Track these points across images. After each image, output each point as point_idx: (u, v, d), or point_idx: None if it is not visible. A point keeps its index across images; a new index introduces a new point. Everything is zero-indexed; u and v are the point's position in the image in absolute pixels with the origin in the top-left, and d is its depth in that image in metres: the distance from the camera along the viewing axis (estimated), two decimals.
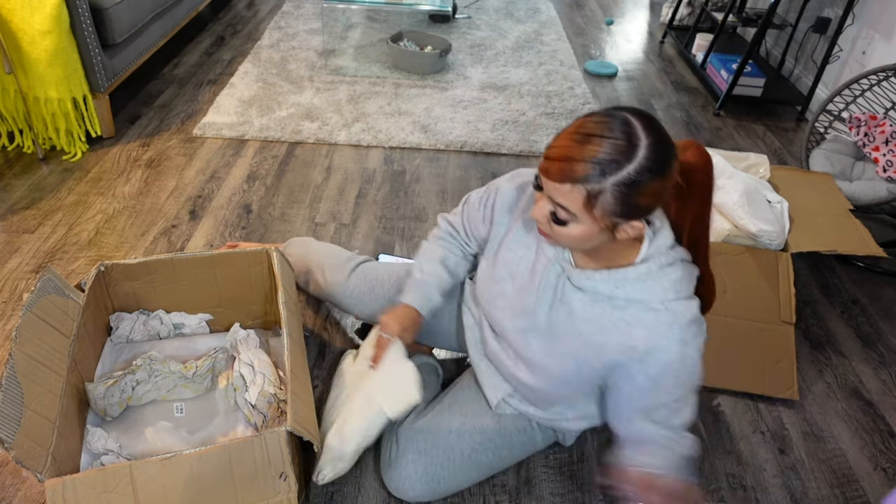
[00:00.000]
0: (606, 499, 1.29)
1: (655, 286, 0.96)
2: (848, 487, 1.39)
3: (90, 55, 2.17)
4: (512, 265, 1.11)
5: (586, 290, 1.01)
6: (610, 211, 0.86)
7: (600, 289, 0.99)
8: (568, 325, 1.04)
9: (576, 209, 0.87)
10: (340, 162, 2.35)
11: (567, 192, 0.86)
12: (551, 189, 0.88)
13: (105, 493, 0.97)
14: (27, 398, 1.02)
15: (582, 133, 0.85)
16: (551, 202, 0.90)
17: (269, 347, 1.44)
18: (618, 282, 0.97)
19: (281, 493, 1.05)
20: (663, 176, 0.85)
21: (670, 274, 0.96)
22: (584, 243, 0.93)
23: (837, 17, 2.82)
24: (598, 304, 1.00)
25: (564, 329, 1.05)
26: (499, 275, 1.14)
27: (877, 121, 2.19)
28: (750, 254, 1.69)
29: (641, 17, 4.10)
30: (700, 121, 2.86)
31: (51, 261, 1.79)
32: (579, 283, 1.01)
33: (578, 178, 0.84)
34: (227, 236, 1.94)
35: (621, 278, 0.97)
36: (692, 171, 0.91)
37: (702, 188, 0.94)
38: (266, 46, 3.21)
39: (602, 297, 1.00)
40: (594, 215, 0.87)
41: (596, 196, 0.85)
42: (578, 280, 1.01)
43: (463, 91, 2.91)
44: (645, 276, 0.96)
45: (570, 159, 0.84)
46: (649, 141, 0.83)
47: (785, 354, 1.59)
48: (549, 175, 0.87)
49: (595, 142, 0.83)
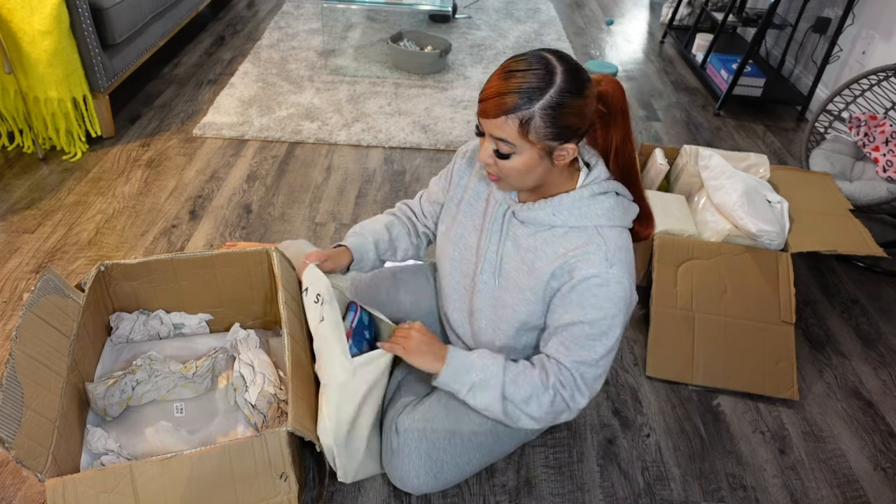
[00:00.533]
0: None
1: (589, 211, 1.06)
2: (848, 487, 1.39)
3: (90, 55, 2.17)
4: (473, 218, 1.22)
5: (529, 223, 1.11)
6: (542, 134, 0.97)
7: (540, 217, 1.08)
8: (514, 257, 1.13)
9: (513, 139, 0.97)
10: (340, 162, 2.35)
11: (503, 125, 0.97)
12: (490, 127, 0.99)
13: (105, 493, 0.97)
14: (27, 398, 1.02)
15: (507, 71, 0.97)
16: (493, 140, 1.00)
17: (269, 347, 1.44)
18: (554, 208, 1.07)
19: (281, 494, 1.05)
20: (582, 95, 0.97)
21: (603, 202, 1.07)
22: (529, 174, 1.03)
23: (837, 17, 2.82)
24: (539, 234, 1.10)
25: (510, 261, 1.14)
26: (463, 230, 1.23)
27: (877, 121, 2.19)
28: (750, 254, 1.69)
29: (641, 17, 4.10)
30: (700, 121, 2.86)
31: (51, 261, 1.79)
32: (522, 217, 1.11)
33: (509, 108, 0.95)
34: (227, 236, 1.94)
35: (557, 204, 1.07)
36: (609, 97, 1.05)
37: (620, 110, 1.06)
38: (266, 46, 3.21)
39: (544, 227, 1.09)
40: (530, 140, 0.97)
41: (528, 122, 0.96)
42: (521, 213, 1.11)
43: (463, 91, 2.92)
44: (579, 202, 1.06)
45: (500, 94, 0.96)
46: (563, 68, 0.96)
47: (785, 354, 1.59)
48: (486, 114, 0.98)
49: (518, 76, 0.95)
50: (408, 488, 1.21)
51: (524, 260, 1.11)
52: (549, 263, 1.07)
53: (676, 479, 1.37)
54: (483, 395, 1.09)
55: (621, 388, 1.57)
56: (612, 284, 1.02)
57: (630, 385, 1.58)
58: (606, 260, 1.02)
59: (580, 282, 1.03)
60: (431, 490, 1.22)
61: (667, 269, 1.67)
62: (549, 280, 1.07)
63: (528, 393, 1.08)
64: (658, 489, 1.35)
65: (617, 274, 1.02)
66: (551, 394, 1.08)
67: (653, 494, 1.34)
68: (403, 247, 1.36)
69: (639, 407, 1.52)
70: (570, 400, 1.08)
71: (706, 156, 1.89)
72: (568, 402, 1.09)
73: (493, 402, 1.09)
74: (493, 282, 1.16)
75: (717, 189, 1.78)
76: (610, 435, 1.45)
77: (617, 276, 1.02)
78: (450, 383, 1.12)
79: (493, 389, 1.08)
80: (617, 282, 1.02)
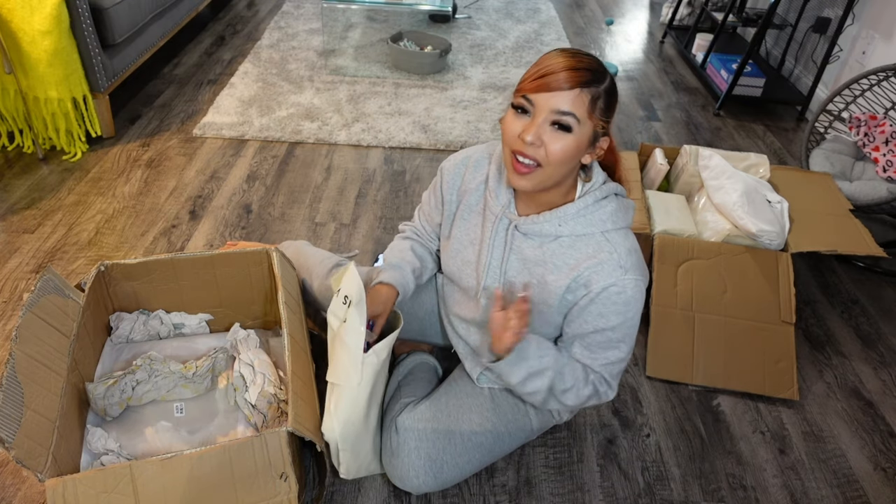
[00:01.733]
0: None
1: (594, 218, 1.06)
2: (848, 487, 1.39)
3: (90, 55, 2.17)
4: (470, 232, 1.20)
5: (534, 236, 1.10)
6: (601, 115, 0.99)
7: (546, 230, 1.08)
8: (521, 271, 1.13)
9: (581, 114, 0.97)
10: (340, 162, 2.35)
11: (576, 97, 0.96)
12: (556, 101, 0.96)
13: (105, 493, 0.97)
14: (27, 398, 1.02)
15: (569, 52, 0.98)
16: (550, 116, 0.97)
17: (269, 347, 1.44)
18: (560, 219, 1.07)
19: (281, 494, 1.05)
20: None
21: (605, 206, 1.07)
22: (570, 161, 1.00)
23: (837, 17, 2.82)
24: (546, 245, 1.09)
25: (517, 276, 1.13)
26: (459, 245, 1.22)
27: (877, 121, 2.19)
28: (750, 254, 1.69)
29: (641, 17, 4.10)
30: (700, 121, 2.86)
31: (51, 261, 1.79)
32: (526, 230, 1.10)
33: (585, 80, 0.95)
34: (227, 236, 1.94)
35: (563, 215, 1.07)
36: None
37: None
38: (266, 46, 3.21)
39: (549, 238, 1.09)
40: (594, 118, 0.98)
41: (596, 100, 0.97)
42: (525, 227, 1.10)
43: (463, 91, 2.92)
44: (584, 210, 1.06)
45: (574, 69, 0.95)
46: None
47: (785, 354, 1.59)
48: (555, 86, 0.95)
49: (583, 57, 0.97)
50: (408, 488, 1.21)
51: (533, 274, 1.11)
52: (563, 277, 1.07)
53: (676, 479, 1.37)
54: (535, 382, 1.10)
55: (621, 388, 1.57)
56: (629, 290, 1.03)
57: (630, 385, 1.58)
58: (620, 267, 1.03)
59: (598, 294, 1.04)
60: (431, 490, 1.22)
61: (667, 269, 1.67)
62: (565, 293, 1.08)
63: (570, 384, 1.11)
64: (658, 489, 1.35)
65: (632, 279, 1.03)
66: (590, 388, 1.12)
67: (653, 494, 1.34)
68: (430, 267, 1.37)
69: (639, 407, 1.52)
70: (603, 394, 1.14)
71: (706, 156, 1.89)
72: (601, 395, 1.14)
73: (541, 390, 1.11)
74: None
75: (717, 189, 1.78)
76: (610, 435, 1.45)
77: (633, 280, 1.03)
78: (506, 368, 1.09)
79: (545, 379, 1.10)
80: (633, 286, 1.04)
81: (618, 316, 1.05)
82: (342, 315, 1.12)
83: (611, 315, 1.05)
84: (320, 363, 1.54)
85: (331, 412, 1.10)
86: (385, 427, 1.26)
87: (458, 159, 1.24)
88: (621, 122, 2.80)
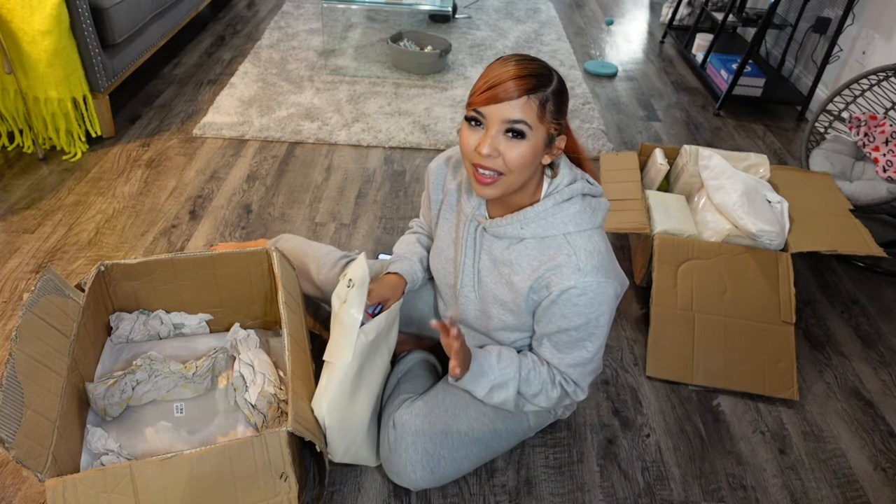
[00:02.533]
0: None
1: (555, 221, 1.07)
2: (848, 487, 1.39)
3: (90, 55, 2.17)
4: (451, 231, 1.23)
5: (501, 238, 1.12)
6: (552, 117, 1.00)
7: (510, 232, 1.10)
8: (492, 270, 1.15)
9: (532, 120, 0.98)
10: (340, 162, 2.35)
11: (525, 105, 0.97)
12: (507, 111, 0.97)
13: (105, 493, 0.97)
14: (27, 398, 1.02)
15: (513, 61, 0.99)
16: (503, 125, 0.98)
17: (269, 347, 1.44)
18: (521, 222, 1.08)
19: (281, 494, 1.05)
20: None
21: (568, 209, 1.07)
22: (530, 166, 1.01)
23: (837, 17, 2.82)
24: (513, 247, 1.11)
25: (488, 274, 1.16)
26: (442, 243, 1.25)
27: (877, 121, 2.19)
28: (750, 254, 1.69)
29: (641, 17, 4.10)
30: (700, 121, 2.86)
31: (51, 261, 1.79)
32: (494, 232, 1.12)
33: (531, 88, 0.97)
34: (227, 236, 1.94)
35: (523, 218, 1.08)
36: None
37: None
38: (266, 46, 3.21)
39: (515, 240, 1.11)
40: (545, 122, 0.99)
41: (544, 104, 0.98)
42: (492, 229, 1.12)
43: (463, 91, 2.91)
44: (543, 213, 1.07)
45: (519, 77, 0.97)
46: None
47: (785, 354, 1.59)
48: (504, 96, 0.97)
49: (527, 64, 0.99)
50: (405, 483, 1.21)
51: (501, 274, 1.14)
52: (526, 278, 1.09)
53: (676, 479, 1.37)
54: (500, 394, 1.15)
55: (621, 388, 1.57)
56: (589, 292, 1.04)
57: (630, 385, 1.58)
58: (579, 270, 1.04)
59: (559, 295, 1.05)
60: (429, 485, 1.22)
61: (667, 269, 1.67)
62: (529, 293, 1.10)
63: (538, 389, 1.14)
64: (658, 489, 1.35)
65: (592, 281, 1.03)
66: (559, 390, 1.15)
67: (653, 494, 1.34)
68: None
69: (639, 407, 1.52)
70: (572, 393, 1.16)
71: (706, 156, 1.89)
72: (571, 395, 1.17)
73: (508, 399, 1.16)
74: (474, 295, 1.19)
75: (717, 189, 1.78)
76: (610, 435, 1.45)
77: (593, 282, 1.03)
78: (468, 385, 1.14)
79: (509, 389, 1.14)
80: (594, 288, 1.04)
81: (579, 317, 1.06)
82: (343, 296, 1.16)
83: (573, 316, 1.06)
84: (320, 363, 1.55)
85: (321, 388, 1.15)
86: (383, 423, 1.27)
87: (441, 160, 1.27)
88: (621, 122, 2.80)
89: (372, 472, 1.32)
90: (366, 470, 1.32)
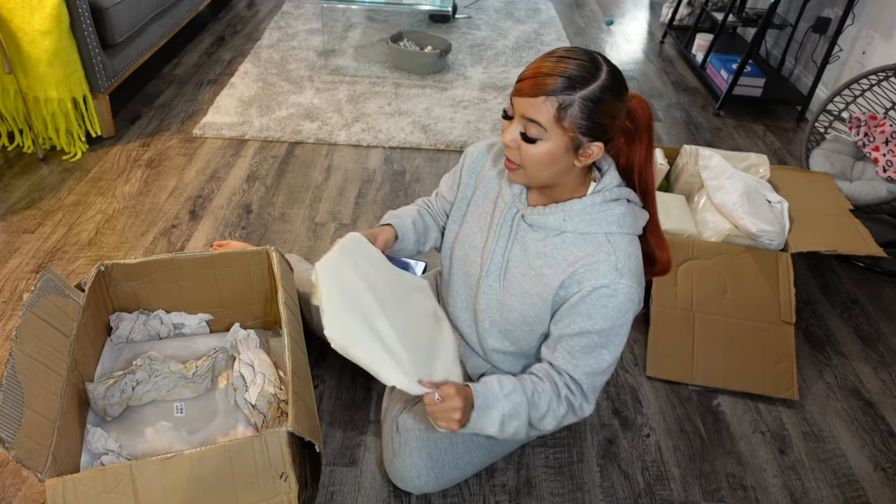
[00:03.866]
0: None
1: (600, 218, 1.05)
2: (848, 487, 1.39)
3: (90, 55, 2.17)
4: (480, 218, 1.20)
5: (539, 228, 1.10)
6: (576, 124, 0.95)
7: (550, 223, 1.07)
8: (521, 261, 1.12)
9: (546, 122, 0.95)
10: (340, 162, 2.35)
11: (540, 106, 0.94)
12: (524, 107, 0.96)
13: (105, 493, 0.97)
14: (27, 398, 1.02)
15: (554, 56, 0.96)
16: (522, 122, 0.97)
17: (269, 347, 1.44)
18: (566, 214, 1.06)
19: (281, 494, 1.05)
20: (620, 98, 0.96)
21: (614, 209, 1.05)
22: (549, 167, 1.00)
23: (837, 17, 2.82)
24: (549, 240, 1.09)
25: (517, 265, 1.12)
26: (469, 229, 1.22)
27: (877, 121, 2.19)
28: (750, 254, 1.69)
29: (641, 17, 4.10)
30: (700, 121, 2.86)
31: (51, 261, 1.79)
32: (532, 221, 1.09)
33: (551, 89, 0.93)
34: (227, 236, 1.94)
35: (568, 210, 1.06)
36: (636, 113, 1.03)
37: (647, 129, 1.05)
38: (266, 46, 3.21)
39: (553, 232, 1.08)
40: (563, 127, 0.95)
41: (566, 108, 0.94)
42: (531, 217, 1.09)
43: (463, 91, 2.91)
44: (590, 209, 1.05)
45: (544, 75, 0.94)
46: (609, 67, 0.96)
47: (785, 354, 1.59)
48: (523, 92, 0.95)
49: (565, 61, 0.94)
50: (409, 488, 1.21)
51: (532, 266, 1.10)
52: (559, 272, 1.06)
53: (676, 479, 1.37)
54: (513, 423, 1.06)
55: (621, 388, 1.57)
56: (621, 295, 1.01)
57: (630, 385, 1.58)
58: (616, 270, 1.01)
59: (590, 292, 1.02)
60: (433, 490, 1.22)
61: None
62: (558, 289, 1.07)
63: (545, 410, 1.07)
64: (658, 489, 1.35)
65: (626, 284, 1.01)
66: (565, 406, 1.09)
67: (653, 494, 1.34)
68: (434, 235, 1.35)
69: (639, 407, 1.52)
70: (578, 408, 1.10)
71: (706, 156, 1.89)
72: (577, 410, 1.10)
73: (521, 427, 1.07)
74: (498, 284, 1.15)
75: (717, 189, 1.78)
76: (610, 435, 1.45)
77: (626, 286, 1.01)
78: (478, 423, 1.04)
79: (521, 416, 1.06)
80: (626, 292, 1.01)
81: (605, 320, 1.02)
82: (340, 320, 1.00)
83: (598, 318, 1.03)
84: (321, 363, 1.55)
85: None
86: (386, 427, 1.27)
87: (482, 146, 1.25)
88: None
89: (372, 472, 1.32)
90: (366, 470, 1.32)
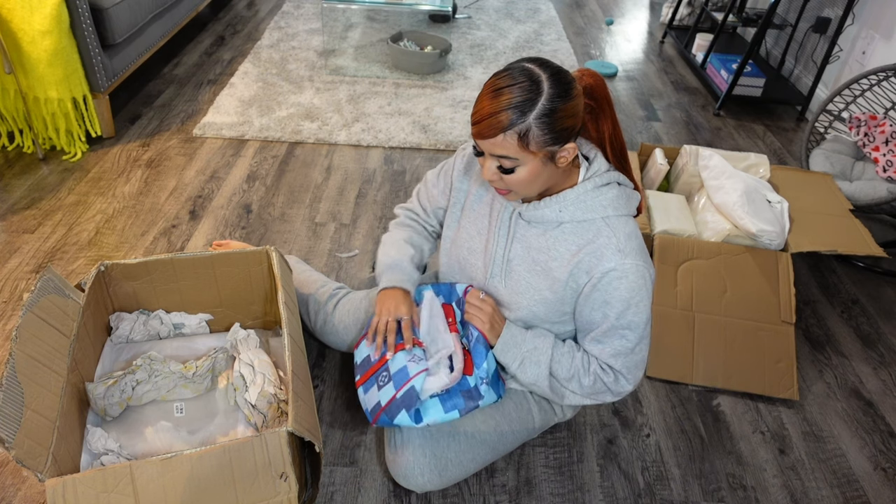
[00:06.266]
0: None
1: (594, 203, 1.08)
2: (848, 487, 1.39)
3: (90, 55, 2.17)
4: (477, 222, 1.22)
5: (537, 223, 1.12)
6: (542, 142, 0.98)
7: (547, 216, 1.10)
8: (524, 258, 1.15)
9: (514, 153, 0.99)
10: (340, 162, 2.35)
11: (502, 142, 0.98)
12: (489, 146, 1.00)
13: (105, 493, 0.97)
14: (27, 398, 1.02)
15: (493, 90, 0.98)
16: (494, 158, 1.01)
17: (269, 347, 1.44)
18: (560, 204, 1.08)
19: (281, 494, 1.05)
20: (570, 97, 0.98)
21: (606, 193, 1.08)
22: (536, 182, 1.04)
23: (837, 17, 2.82)
24: (549, 233, 1.11)
25: (521, 263, 1.15)
26: (466, 234, 1.24)
27: (877, 121, 2.19)
28: (750, 254, 1.69)
29: (641, 17, 4.10)
30: (700, 121, 2.86)
31: (51, 261, 1.79)
32: (529, 217, 1.12)
33: (505, 125, 0.96)
34: (227, 236, 1.94)
35: (562, 200, 1.08)
36: (594, 89, 1.06)
37: (605, 100, 1.07)
38: (266, 46, 3.21)
39: (552, 225, 1.11)
40: (531, 151, 0.98)
41: (525, 134, 0.97)
42: (528, 213, 1.12)
43: (463, 91, 2.91)
44: (583, 196, 1.08)
45: (493, 114, 0.97)
46: (547, 74, 0.97)
47: (785, 354, 1.59)
48: (483, 135, 0.99)
49: (506, 92, 0.96)
50: (411, 486, 1.21)
51: (536, 261, 1.13)
52: (565, 264, 1.09)
53: (676, 479, 1.37)
54: (532, 369, 1.15)
55: None
56: (630, 275, 1.05)
57: None
58: (620, 251, 1.05)
59: (600, 279, 1.06)
60: (436, 488, 1.22)
61: (667, 269, 1.67)
62: (568, 281, 1.10)
63: (570, 373, 1.14)
64: (658, 489, 1.35)
65: (632, 263, 1.05)
66: (591, 378, 1.14)
67: (653, 494, 1.34)
68: (428, 249, 1.38)
69: (639, 407, 1.52)
70: (612, 384, 1.14)
71: (706, 156, 1.89)
72: (610, 386, 1.14)
73: (540, 377, 1.15)
74: (502, 284, 1.18)
75: (717, 189, 1.78)
76: (610, 435, 1.45)
77: (632, 264, 1.05)
78: (501, 355, 1.16)
79: (542, 365, 1.14)
80: (634, 271, 1.05)
81: (621, 302, 1.06)
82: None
83: (614, 301, 1.06)
84: (320, 363, 1.55)
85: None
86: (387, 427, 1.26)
87: (470, 149, 1.26)
88: (621, 122, 2.80)
89: (372, 472, 1.32)
90: (366, 470, 1.32)
